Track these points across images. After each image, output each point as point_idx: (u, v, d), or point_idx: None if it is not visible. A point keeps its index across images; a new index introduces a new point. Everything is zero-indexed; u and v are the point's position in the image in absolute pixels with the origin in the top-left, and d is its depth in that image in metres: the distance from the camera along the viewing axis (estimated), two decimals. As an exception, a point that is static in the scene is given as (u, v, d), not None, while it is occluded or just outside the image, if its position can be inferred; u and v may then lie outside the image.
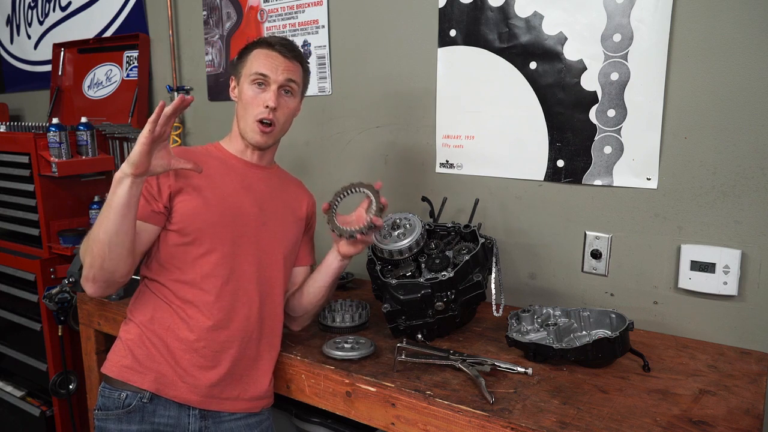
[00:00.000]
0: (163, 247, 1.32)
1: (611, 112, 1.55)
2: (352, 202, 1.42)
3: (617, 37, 1.51)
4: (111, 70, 2.81)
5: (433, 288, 1.37)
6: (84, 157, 2.35)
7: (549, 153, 1.66)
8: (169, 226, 1.31)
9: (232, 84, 1.41)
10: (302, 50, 1.42)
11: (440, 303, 1.38)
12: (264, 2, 2.23)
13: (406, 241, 1.43)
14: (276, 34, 1.48)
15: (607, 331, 1.36)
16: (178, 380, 1.28)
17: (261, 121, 1.34)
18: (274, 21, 2.22)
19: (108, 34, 2.84)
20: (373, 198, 1.35)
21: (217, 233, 1.30)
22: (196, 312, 1.29)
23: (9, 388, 2.58)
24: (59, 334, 2.17)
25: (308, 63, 1.45)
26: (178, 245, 1.30)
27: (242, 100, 1.36)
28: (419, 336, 1.42)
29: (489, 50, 1.72)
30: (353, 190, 1.38)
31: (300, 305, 1.46)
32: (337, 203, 1.38)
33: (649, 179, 1.53)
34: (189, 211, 1.29)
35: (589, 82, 1.57)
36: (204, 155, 1.39)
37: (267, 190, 1.42)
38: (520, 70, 1.68)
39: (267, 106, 1.32)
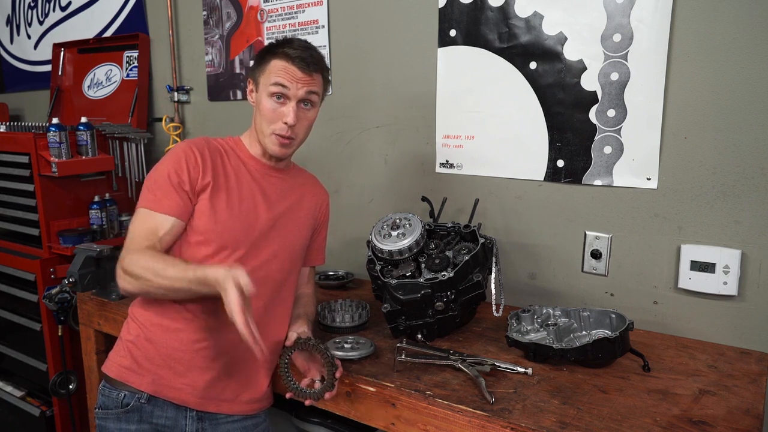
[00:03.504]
0: (176, 246, 1.30)
1: (611, 112, 1.55)
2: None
3: (617, 37, 1.51)
4: (111, 70, 2.81)
5: (433, 288, 1.37)
6: (84, 157, 2.34)
7: (549, 153, 1.66)
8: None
9: (250, 86, 1.37)
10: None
11: (440, 303, 1.38)
12: (264, 2, 2.23)
13: (406, 241, 1.43)
14: (288, 36, 1.41)
15: (607, 331, 1.36)
16: (176, 381, 1.28)
17: (280, 135, 1.31)
18: (274, 21, 2.22)
19: (108, 34, 2.84)
20: (326, 373, 1.23)
21: (229, 236, 1.29)
22: (198, 313, 1.28)
23: (9, 388, 2.58)
24: (59, 334, 2.17)
25: (327, 66, 1.39)
26: (187, 243, 1.29)
27: (260, 111, 1.32)
28: (419, 336, 1.42)
29: (489, 50, 1.72)
30: (312, 346, 1.24)
31: None
32: (288, 358, 1.27)
33: (649, 179, 1.53)
34: (205, 210, 1.28)
35: (589, 82, 1.57)
36: (225, 151, 1.37)
37: (282, 193, 1.40)
38: (520, 70, 1.68)
39: (286, 123, 1.29)
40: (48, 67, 3.06)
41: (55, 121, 2.26)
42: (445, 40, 1.80)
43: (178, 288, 1.18)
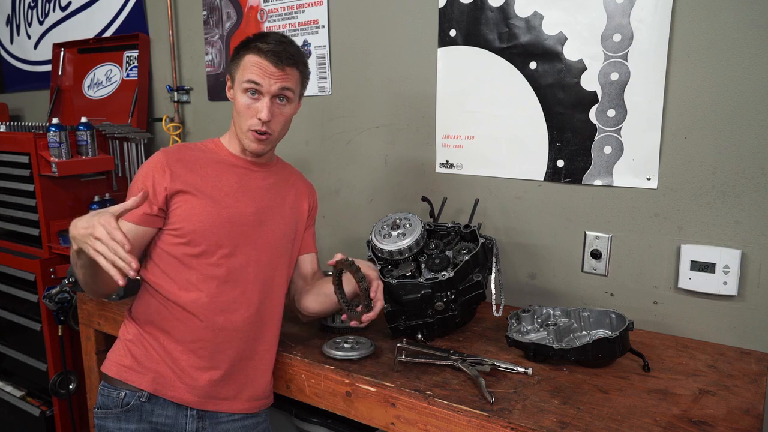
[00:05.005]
0: (159, 249, 1.32)
1: (611, 112, 1.55)
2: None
3: (617, 37, 1.51)
4: (111, 70, 2.81)
5: (433, 288, 1.37)
6: (84, 157, 2.35)
7: (549, 153, 1.66)
8: (165, 228, 1.31)
9: (228, 84, 1.38)
10: (301, 48, 1.36)
11: (440, 303, 1.38)
12: (264, 2, 2.23)
13: (406, 241, 1.43)
14: (272, 30, 1.41)
15: (607, 331, 1.36)
16: (176, 380, 1.28)
17: (256, 131, 1.31)
18: (274, 21, 2.22)
19: (108, 34, 2.84)
20: (362, 296, 1.25)
21: (213, 235, 1.29)
22: (192, 313, 1.29)
23: (9, 388, 2.58)
24: (59, 334, 2.17)
25: (306, 60, 1.38)
26: (173, 246, 1.30)
27: (236, 106, 1.33)
28: (419, 336, 1.42)
29: (489, 50, 1.72)
30: (354, 274, 1.24)
31: (313, 310, 1.43)
32: (339, 274, 1.29)
33: (649, 179, 1.53)
34: (185, 213, 1.29)
35: (589, 82, 1.57)
36: (203, 152, 1.38)
37: (265, 188, 1.40)
38: (520, 70, 1.68)
39: (260, 119, 1.29)
40: (48, 67, 3.06)
41: (55, 121, 2.26)
42: (445, 40, 1.80)
43: (78, 266, 1.20)
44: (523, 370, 1.26)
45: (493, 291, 1.46)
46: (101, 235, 1.04)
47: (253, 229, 1.35)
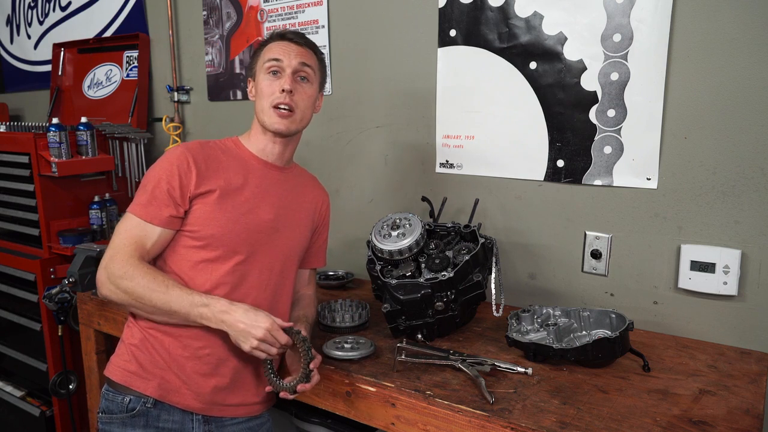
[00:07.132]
0: (172, 250, 1.29)
1: (611, 112, 1.55)
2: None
3: (617, 37, 1.52)
4: (111, 70, 2.82)
5: (433, 288, 1.37)
6: (84, 157, 2.35)
7: (549, 153, 1.66)
8: (182, 228, 1.28)
9: (250, 85, 1.38)
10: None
11: (440, 303, 1.38)
12: (264, 2, 2.23)
13: (406, 241, 1.43)
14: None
15: (607, 331, 1.36)
16: (182, 386, 1.26)
17: (278, 107, 1.30)
18: (274, 21, 2.22)
19: (108, 34, 2.84)
20: (302, 365, 1.21)
21: (230, 240, 1.27)
22: None
23: (9, 388, 2.58)
24: (59, 334, 2.17)
25: (323, 54, 1.42)
26: (188, 249, 1.27)
27: (259, 91, 1.33)
28: (419, 336, 1.42)
29: (489, 50, 1.72)
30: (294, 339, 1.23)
31: None
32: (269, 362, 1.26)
33: (649, 179, 1.53)
34: (204, 216, 1.26)
35: (589, 82, 1.57)
36: (223, 152, 1.35)
37: (284, 193, 1.39)
38: (520, 70, 1.68)
39: (283, 90, 1.29)
40: (48, 67, 3.06)
41: (55, 121, 2.26)
42: (445, 40, 1.80)
43: (175, 315, 1.22)
44: (523, 370, 1.26)
45: (493, 291, 1.46)
46: (266, 338, 1.17)
47: (269, 237, 1.34)
